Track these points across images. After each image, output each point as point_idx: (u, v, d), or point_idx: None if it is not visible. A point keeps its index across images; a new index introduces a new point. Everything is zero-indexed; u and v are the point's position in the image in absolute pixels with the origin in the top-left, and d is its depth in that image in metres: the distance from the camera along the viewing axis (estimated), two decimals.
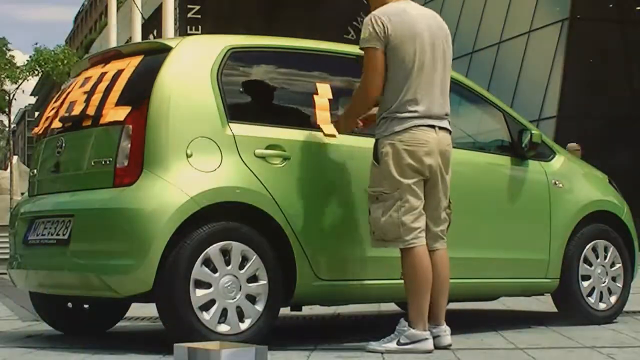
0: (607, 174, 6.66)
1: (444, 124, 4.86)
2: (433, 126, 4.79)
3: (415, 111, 4.75)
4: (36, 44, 37.62)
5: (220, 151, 4.78)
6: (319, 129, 5.01)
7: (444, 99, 4.90)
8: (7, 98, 39.81)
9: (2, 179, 29.42)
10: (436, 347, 4.72)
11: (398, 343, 4.65)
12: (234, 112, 4.91)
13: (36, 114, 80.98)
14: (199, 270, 4.59)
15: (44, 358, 4.72)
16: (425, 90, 4.80)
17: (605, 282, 6.18)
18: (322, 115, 5.05)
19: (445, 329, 4.83)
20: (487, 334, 5.35)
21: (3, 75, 38.82)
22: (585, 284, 6.06)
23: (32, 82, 51.13)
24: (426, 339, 4.65)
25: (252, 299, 4.73)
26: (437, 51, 4.89)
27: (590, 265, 6.11)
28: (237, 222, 4.74)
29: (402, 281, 5.25)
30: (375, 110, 4.97)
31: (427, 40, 4.85)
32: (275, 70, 5.35)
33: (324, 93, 5.15)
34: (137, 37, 20.70)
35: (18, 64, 39.99)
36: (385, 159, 4.74)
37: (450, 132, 4.89)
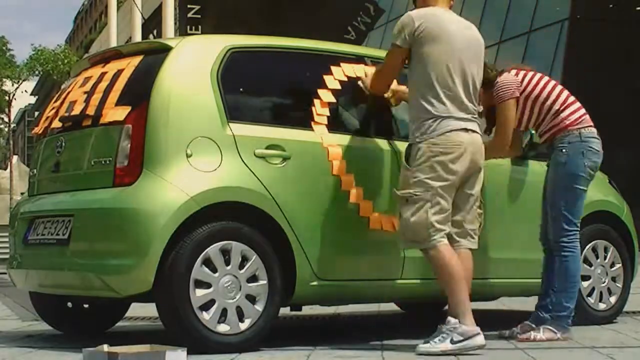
0: (607, 174, 6.65)
1: (474, 126, 4.83)
2: (466, 129, 4.77)
3: (448, 114, 4.74)
4: (33, 44, 37.71)
5: (220, 151, 4.77)
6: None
7: (474, 101, 4.88)
8: (7, 98, 39.84)
9: (2, 179, 29.47)
10: None
11: (452, 342, 4.58)
12: (234, 112, 4.91)
13: (36, 113, 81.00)
14: (199, 270, 4.59)
15: (44, 358, 4.72)
16: (455, 92, 4.79)
17: (605, 282, 6.18)
18: None
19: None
20: (487, 334, 5.34)
21: (3, 75, 38.85)
22: (585, 284, 6.05)
23: (32, 81, 51.17)
24: (478, 333, 4.60)
25: (252, 299, 4.73)
26: (469, 55, 4.89)
27: (590, 265, 6.11)
28: (237, 222, 4.74)
29: (401, 281, 5.28)
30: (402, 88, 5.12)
31: (460, 43, 4.85)
32: (275, 70, 5.34)
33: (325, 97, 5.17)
34: (137, 37, 20.71)
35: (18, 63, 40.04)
36: (419, 162, 4.73)
37: (479, 133, 4.89)
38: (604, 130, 5.63)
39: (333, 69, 5.31)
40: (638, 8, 22.63)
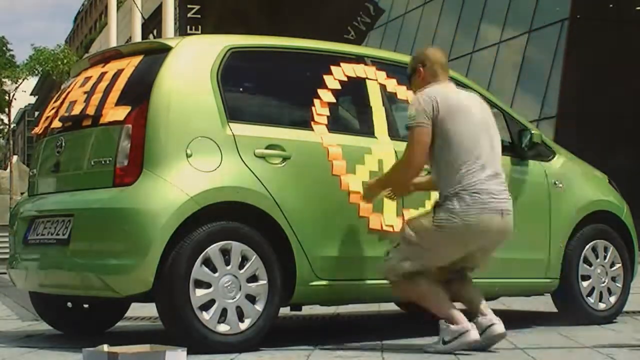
0: (607, 174, 6.66)
1: (508, 204, 4.83)
2: (502, 212, 4.77)
3: (482, 187, 4.73)
4: (33, 44, 37.80)
5: (220, 151, 4.77)
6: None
7: (499, 163, 4.92)
8: (7, 98, 39.85)
9: (2, 179, 29.46)
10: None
11: (443, 342, 4.70)
12: (234, 112, 4.91)
13: (36, 113, 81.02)
14: (198, 270, 4.59)
15: (44, 358, 4.72)
16: (484, 163, 4.80)
17: (605, 282, 6.17)
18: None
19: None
20: None
21: (3, 75, 38.86)
22: (585, 284, 6.06)
23: (32, 81, 51.19)
24: (467, 331, 4.68)
25: (252, 298, 4.73)
26: (488, 123, 4.95)
27: (590, 265, 6.11)
28: (237, 222, 4.74)
29: None
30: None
31: (478, 115, 4.89)
32: (275, 70, 5.35)
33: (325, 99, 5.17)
34: (137, 37, 20.70)
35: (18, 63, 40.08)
36: (439, 221, 4.72)
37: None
38: (604, 130, 5.63)
39: (333, 69, 5.32)
40: (638, 8, 22.64)
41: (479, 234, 4.73)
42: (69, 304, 5.57)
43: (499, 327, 4.80)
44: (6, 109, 41.67)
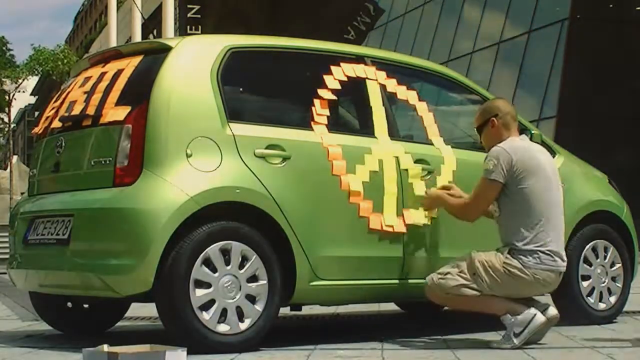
0: (607, 174, 6.65)
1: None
2: (561, 272, 5.08)
3: (554, 248, 5.01)
4: (33, 44, 37.83)
5: (220, 151, 4.78)
6: None
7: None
8: (7, 98, 39.87)
9: (2, 179, 29.48)
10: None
11: (515, 335, 4.84)
12: (234, 112, 4.91)
13: (36, 113, 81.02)
14: (198, 270, 4.59)
15: (44, 358, 4.72)
16: (556, 222, 5.07)
17: (605, 282, 6.17)
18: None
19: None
20: (487, 334, 5.35)
21: (3, 75, 38.87)
22: (585, 284, 6.05)
23: (32, 81, 51.19)
24: (534, 315, 4.86)
25: (252, 298, 4.73)
26: (558, 181, 5.21)
27: (590, 265, 6.10)
28: (237, 222, 4.74)
29: (401, 281, 5.29)
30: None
31: (551, 172, 5.14)
32: (275, 70, 5.35)
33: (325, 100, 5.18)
34: (137, 37, 20.70)
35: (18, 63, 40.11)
36: (509, 269, 4.93)
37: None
38: (603, 130, 5.62)
39: (333, 69, 5.32)
40: (638, 8, 22.65)
41: (540, 287, 5.02)
42: (69, 304, 5.57)
43: (552, 309, 5.01)
44: (6, 109, 41.68)
